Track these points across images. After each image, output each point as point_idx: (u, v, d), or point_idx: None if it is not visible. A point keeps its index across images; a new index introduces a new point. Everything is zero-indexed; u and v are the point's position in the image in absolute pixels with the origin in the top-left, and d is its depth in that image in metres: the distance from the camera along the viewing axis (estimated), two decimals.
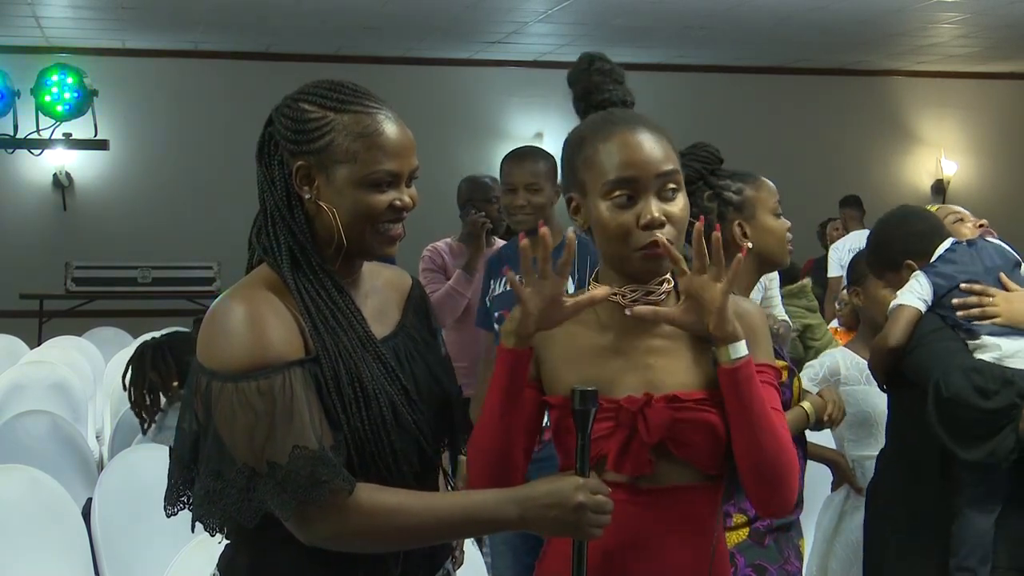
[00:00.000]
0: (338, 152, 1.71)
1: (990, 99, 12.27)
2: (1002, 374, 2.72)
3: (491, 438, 1.75)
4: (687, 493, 1.74)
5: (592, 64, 1.93)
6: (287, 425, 1.61)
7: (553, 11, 9.05)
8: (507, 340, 1.72)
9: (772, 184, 2.55)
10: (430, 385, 1.82)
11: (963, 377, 2.73)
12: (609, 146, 1.77)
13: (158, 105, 10.48)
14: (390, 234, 1.75)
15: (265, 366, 1.63)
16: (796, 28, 9.69)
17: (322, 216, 1.73)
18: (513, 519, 1.65)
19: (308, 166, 1.72)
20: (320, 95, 1.75)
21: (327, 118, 1.72)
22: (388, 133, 1.73)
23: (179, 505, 1.74)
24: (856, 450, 3.32)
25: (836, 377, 3.32)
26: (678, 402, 1.72)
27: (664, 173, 1.75)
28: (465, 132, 10.70)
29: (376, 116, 1.74)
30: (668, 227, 1.73)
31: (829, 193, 10.14)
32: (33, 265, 9.92)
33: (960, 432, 2.77)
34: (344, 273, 1.78)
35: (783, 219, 2.53)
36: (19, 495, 3.29)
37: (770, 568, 2.42)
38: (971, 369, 2.75)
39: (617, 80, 1.90)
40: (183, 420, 1.72)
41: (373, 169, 1.71)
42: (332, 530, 1.63)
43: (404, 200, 1.75)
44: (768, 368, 1.80)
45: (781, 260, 2.54)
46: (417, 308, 1.91)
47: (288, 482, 1.59)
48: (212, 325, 1.68)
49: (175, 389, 3.82)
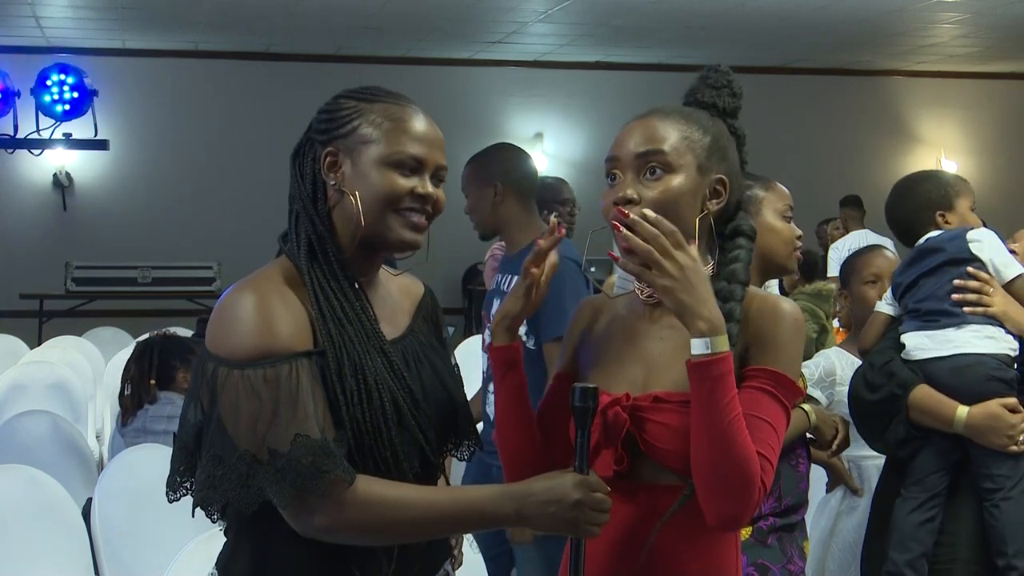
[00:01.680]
0: (365, 135, 1.75)
1: (990, 99, 12.28)
2: (888, 368, 2.82)
3: (507, 438, 1.79)
4: (664, 492, 1.72)
5: (706, 72, 1.89)
6: (290, 414, 1.61)
7: (553, 11, 9.05)
8: (497, 338, 1.77)
9: (786, 190, 2.52)
10: (436, 390, 1.83)
11: (860, 374, 2.91)
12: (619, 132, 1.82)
13: (158, 105, 10.48)
14: (411, 219, 1.76)
15: (272, 355, 1.64)
16: (796, 28, 9.69)
17: (345, 205, 1.75)
18: (510, 515, 1.65)
19: (336, 151, 1.76)
20: (356, 91, 1.81)
21: (358, 107, 1.78)
22: (416, 122, 1.78)
23: (181, 491, 1.74)
24: (852, 451, 3.32)
25: (832, 377, 3.32)
26: (658, 402, 1.72)
27: (641, 154, 1.74)
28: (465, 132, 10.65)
29: (406, 108, 1.79)
30: (638, 207, 1.70)
31: (829, 193, 10.15)
32: (33, 265, 9.93)
33: (863, 425, 2.93)
34: (361, 269, 1.80)
35: (794, 227, 2.51)
36: (19, 495, 3.29)
37: (773, 568, 2.42)
38: (867, 365, 2.90)
39: (712, 86, 1.86)
40: (188, 408, 1.73)
41: (397, 149, 1.74)
42: (329, 521, 1.63)
43: (427, 189, 1.77)
44: (767, 375, 1.69)
45: (785, 264, 2.52)
46: (427, 315, 1.93)
47: (288, 470, 1.59)
48: (222, 313, 1.69)
49: (151, 387, 3.85)
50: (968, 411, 2.73)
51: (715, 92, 1.85)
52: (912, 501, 2.78)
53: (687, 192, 1.74)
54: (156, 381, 3.89)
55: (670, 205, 1.72)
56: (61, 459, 4.12)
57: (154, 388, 3.87)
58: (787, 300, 1.81)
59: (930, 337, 2.81)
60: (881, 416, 2.83)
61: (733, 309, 1.72)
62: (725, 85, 1.86)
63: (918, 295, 2.86)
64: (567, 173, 7.82)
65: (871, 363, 2.89)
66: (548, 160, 11.08)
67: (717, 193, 1.78)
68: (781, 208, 2.50)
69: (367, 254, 1.80)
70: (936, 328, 2.80)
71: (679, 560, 1.73)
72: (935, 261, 2.85)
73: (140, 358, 3.94)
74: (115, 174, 10.45)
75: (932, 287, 2.84)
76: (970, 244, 2.82)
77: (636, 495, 1.74)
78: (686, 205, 1.74)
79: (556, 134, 11.23)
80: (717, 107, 1.84)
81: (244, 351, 1.64)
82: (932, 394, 2.76)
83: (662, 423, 1.71)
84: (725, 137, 1.82)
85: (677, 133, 1.76)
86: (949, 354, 2.77)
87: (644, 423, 1.72)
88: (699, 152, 1.76)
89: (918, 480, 2.79)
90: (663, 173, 1.74)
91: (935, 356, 2.79)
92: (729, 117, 1.85)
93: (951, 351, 2.77)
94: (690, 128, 1.77)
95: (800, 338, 1.76)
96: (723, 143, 1.80)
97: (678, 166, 1.74)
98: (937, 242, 2.89)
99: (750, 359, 1.72)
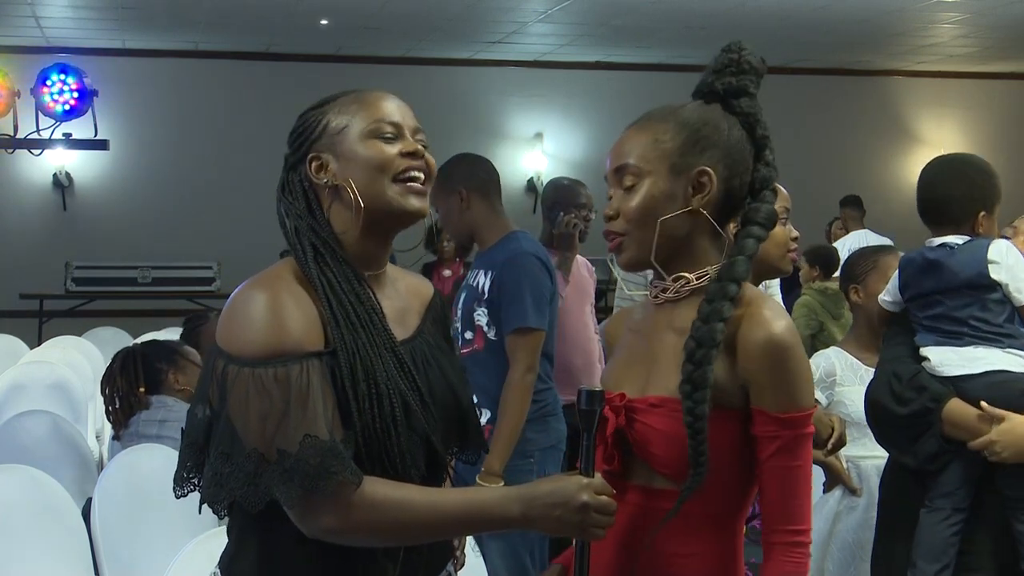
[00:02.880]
0: (337, 125, 1.77)
1: (990, 99, 12.27)
2: (918, 381, 2.77)
3: None
4: (658, 495, 1.73)
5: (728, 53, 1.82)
6: (300, 414, 1.61)
7: (553, 11, 9.05)
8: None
9: (784, 191, 2.49)
10: (444, 391, 1.83)
11: (884, 383, 2.82)
12: None
13: (158, 105, 10.48)
14: (409, 185, 1.77)
15: (283, 354, 1.64)
16: (796, 28, 9.69)
17: (342, 199, 1.76)
18: (516, 517, 1.65)
19: (318, 154, 1.77)
20: (312, 104, 1.84)
21: (320, 110, 1.81)
22: (378, 95, 1.82)
23: (188, 487, 1.74)
24: (850, 451, 3.32)
25: (832, 378, 3.32)
26: (645, 406, 1.72)
27: (615, 170, 1.80)
28: (465, 132, 10.68)
29: (365, 91, 1.82)
30: (618, 220, 1.78)
31: (829, 193, 10.15)
32: (33, 265, 9.93)
33: (889, 437, 2.87)
34: (370, 263, 1.80)
35: (790, 228, 2.50)
36: (19, 495, 3.29)
37: None
38: (892, 375, 2.81)
39: (713, 69, 1.81)
40: (195, 405, 1.73)
41: (372, 119, 1.77)
42: (335, 522, 1.63)
43: (412, 146, 1.78)
44: (776, 424, 1.67)
45: (780, 266, 2.50)
46: (436, 317, 1.93)
47: (296, 471, 1.59)
48: (233, 310, 1.69)
49: (142, 395, 3.82)
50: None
51: (715, 75, 1.81)
52: (941, 513, 2.77)
53: (658, 196, 1.75)
54: (145, 388, 3.85)
55: (647, 213, 1.75)
56: (61, 459, 4.11)
57: (144, 396, 3.83)
58: (779, 318, 1.72)
59: (957, 353, 2.77)
60: (910, 429, 2.79)
61: (717, 308, 1.69)
62: (727, 65, 1.80)
63: (934, 310, 2.81)
64: (567, 173, 7.81)
65: (896, 374, 2.81)
66: (548, 160, 11.08)
67: (702, 186, 1.76)
68: (777, 210, 2.48)
69: (375, 241, 1.79)
70: (961, 345, 2.76)
71: (676, 562, 1.73)
72: (953, 282, 2.77)
73: (124, 370, 3.87)
74: (115, 174, 10.45)
75: (949, 308, 2.78)
76: (989, 267, 2.74)
77: (627, 495, 1.75)
78: (658, 208, 1.75)
79: (556, 134, 11.23)
80: (716, 92, 1.80)
81: (255, 349, 1.64)
82: (967, 408, 2.72)
83: (651, 426, 1.71)
84: (711, 126, 1.77)
85: (646, 139, 1.77)
86: (982, 371, 2.74)
87: (635, 425, 1.73)
88: (671, 152, 1.75)
89: (947, 493, 2.77)
90: (635, 183, 1.76)
91: (968, 373, 2.74)
92: (732, 97, 1.79)
93: (983, 368, 2.74)
94: (663, 130, 1.76)
95: (798, 353, 1.72)
96: (706, 132, 1.76)
97: (646, 173, 1.76)
98: (956, 264, 2.77)
99: (758, 399, 1.70)
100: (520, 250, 3.41)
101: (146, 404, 3.79)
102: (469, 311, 3.45)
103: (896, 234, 8.52)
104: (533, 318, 3.35)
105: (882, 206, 10.73)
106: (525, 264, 3.38)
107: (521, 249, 3.42)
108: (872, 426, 2.94)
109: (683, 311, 1.77)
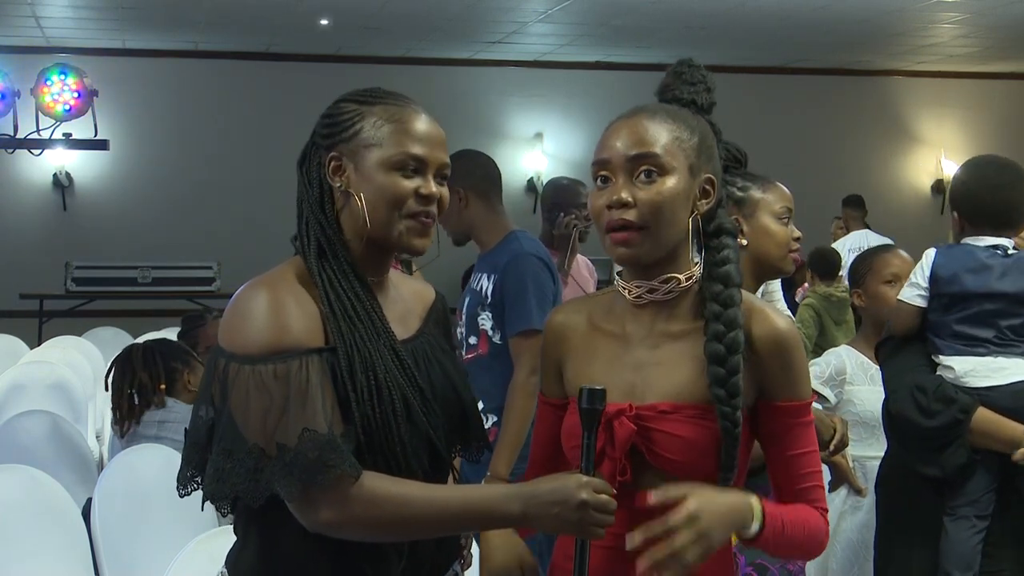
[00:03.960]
0: (367, 138, 1.77)
1: (990, 99, 12.27)
2: (944, 393, 2.78)
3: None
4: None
5: (677, 68, 1.89)
6: (300, 409, 1.63)
7: (553, 11, 9.05)
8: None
9: (786, 191, 2.48)
10: (446, 390, 1.84)
11: (907, 396, 2.82)
12: (603, 132, 1.79)
13: (158, 105, 10.48)
14: (418, 221, 1.77)
15: (283, 351, 1.65)
16: (796, 28, 9.69)
17: (351, 207, 1.77)
18: (516, 515, 1.65)
19: (340, 156, 1.78)
20: (357, 93, 1.83)
21: (359, 110, 1.79)
22: (417, 121, 1.79)
23: (191, 485, 1.76)
24: (857, 450, 3.32)
25: (842, 376, 3.33)
26: (655, 413, 1.70)
27: (633, 157, 1.71)
28: (465, 132, 10.67)
29: (406, 108, 1.80)
30: (634, 210, 1.70)
31: (829, 193, 10.15)
32: (33, 265, 9.92)
33: (913, 448, 2.88)
34: (371, 269, 1.81)
35: (792, 228, 2.48)
36: (19, 495, 3.29)
37: (771, 568, 2.41)
38: (915, 387, 2.82)
39: (688, 82, 1.85)
40: (199, 405, 1.74)
41: (398, 151, 1.76)
42: (335, 516, 1.64)
43: (430, 189, 1.77)
44: (797, 411, 1.75)
45: (780, 266, 2.49)
46: (438, 320, 1.95)
47: (295, 465, 1.60)
48: (235, 309, 1.71)
49: (161, 392, 3.81)
50: None
51: (692, 88, 1.82)
52: (966, 521, 2.79)
53: (680, 194, 1.72)
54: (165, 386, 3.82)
55: (665, 207, 1.71)
56: (61, 459, 4.12)
57: (163, 392, 3.82)
58: (779, 315, 1.79)
59: (982, 364, 2.79)
60: (937, 440, 2.80)
61: (735, 315, 1.71)
62: (700, 80, 1.84)
63: (969, 310, 2.81)
64: (567, 173, 7.79)
65: (920, 387, 2.82)
66: (548, 160, 11.08)
67: (706, 193, 1.77)
68: (778, 210, 2.46)
69: (376, 254, 1.81)
70: (984, 355, 2.79)
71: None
72: (1001, 288, 2.78)
73: (147, 364, 3.86)
74: (115, 174, 10.45)
75: (988, 312, 2.79)
76: None
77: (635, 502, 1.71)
78: (680, 207, 1.73)
79: (556, 134, 11.22)
80: (696, 104, 1.81)
81: (255, 347, 1.66)
82: (994, 417, 2.76)
83: (673, 434, 1.70)
84: (710, 136, 1.80)
85: (668, 134, 1.74)
86: (1008, 382, 2.77)
87: (651, 433, 1.71)
88: (689, 152, 1.74)
89: (973, 501, 2.80)
90: (657, 175, 1.71)
91: (994, 384, 2.77)
92: (706, 113, 1.83)
93: (1009, 378, 2.77)
94: (679, 128, 1.75)
95: (800, 344, 1.78)
96: (709, 142, 1.78)
97: (671, 168, 1.72)
98: (1007, 286, 2.77)
99: (768, 393, 1.75)
100: (521, 251, 3.40)
101: (162, 402, 3.78)
102: (473, 316, 3.44)
103: (896, 234, 8.52)
104: (537, 320, 3.34)
105: (882, 206, 10.73)
106: (527, 265, 3.37)
107: (522, 250, 3.41)
108: (893, 438, 2.94)
109: (674, 314, 1.76)
